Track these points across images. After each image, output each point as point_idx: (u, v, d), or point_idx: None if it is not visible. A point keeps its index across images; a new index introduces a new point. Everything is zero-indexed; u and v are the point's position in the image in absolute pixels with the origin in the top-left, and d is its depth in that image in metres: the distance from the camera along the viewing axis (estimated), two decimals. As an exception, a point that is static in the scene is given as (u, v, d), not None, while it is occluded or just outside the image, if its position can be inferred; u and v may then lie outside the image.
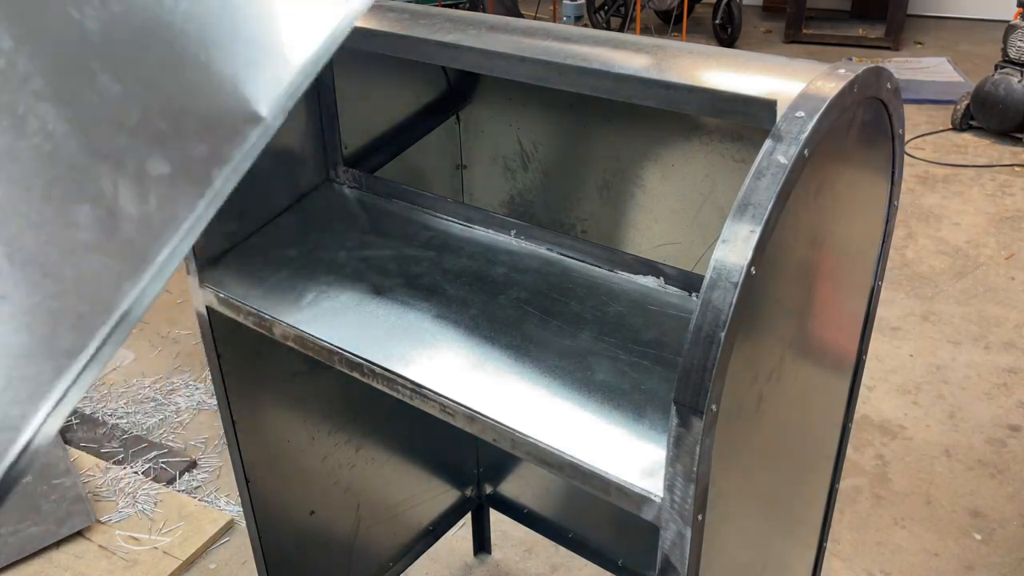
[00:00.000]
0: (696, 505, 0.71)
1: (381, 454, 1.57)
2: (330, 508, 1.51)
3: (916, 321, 2.68)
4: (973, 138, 4.05)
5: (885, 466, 2.11)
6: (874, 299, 1.03)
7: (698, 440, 0.68)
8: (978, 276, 2.92)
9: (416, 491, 1.68)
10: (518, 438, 0.81)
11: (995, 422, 2.24)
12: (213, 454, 2.21)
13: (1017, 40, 3.83)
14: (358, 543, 1.59)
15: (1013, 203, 3.43)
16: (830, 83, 0.74)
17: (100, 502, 2.02)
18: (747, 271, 0.66)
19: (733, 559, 0.90)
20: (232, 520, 1.98)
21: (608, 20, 5.71)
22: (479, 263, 1.10)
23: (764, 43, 5.76)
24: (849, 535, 1.91)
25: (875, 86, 0.81)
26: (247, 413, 1.29)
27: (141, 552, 1.89)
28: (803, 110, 0.71)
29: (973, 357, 2.50)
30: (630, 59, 0.87)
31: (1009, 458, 2.12)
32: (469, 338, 0.95)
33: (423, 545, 1.75)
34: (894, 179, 0.95)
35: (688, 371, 0.67)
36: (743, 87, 0.79)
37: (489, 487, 1.79)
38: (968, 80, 4.75)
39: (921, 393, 2.36)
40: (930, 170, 3.74)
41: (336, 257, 1.12)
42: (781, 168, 0.68)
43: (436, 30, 0.99)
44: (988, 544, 1.88)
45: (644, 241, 1.23)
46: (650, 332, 0.96)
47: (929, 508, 1.98)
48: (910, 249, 3.10)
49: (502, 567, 1.88)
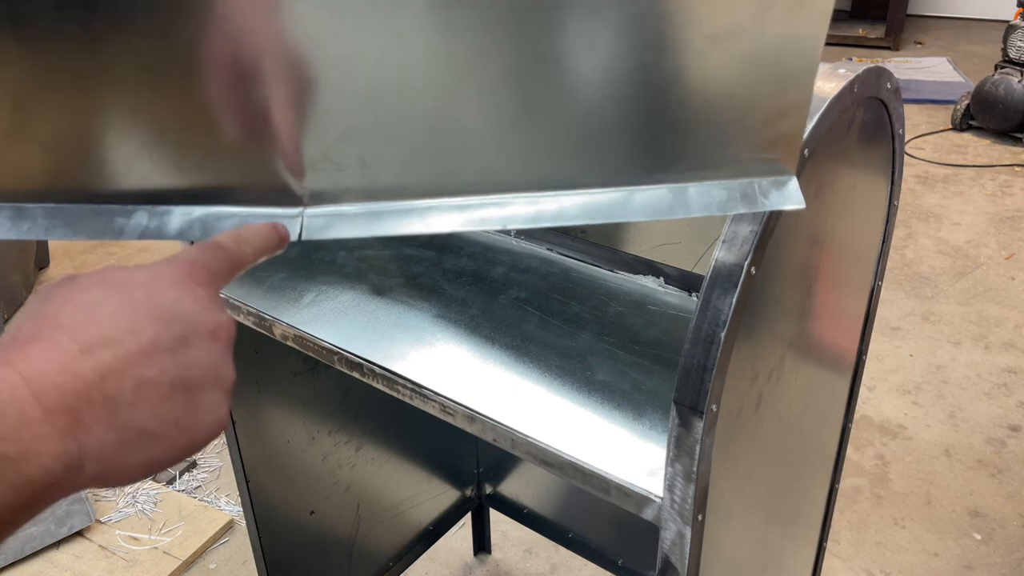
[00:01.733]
0: (696, 505, 0.71)
1: (381, 454, 1.57)
2: (330, 508, 1.51)
3: (916, 321, 2.68)
4: (973, 138, 4.05)
5: (885, 466, 2.11)
6: (874, 299, 1.03)
7: (698, 440, 0.68)
8: (978, 276, 2.92)
9: (416, 491, 1.68)
10: (518, 438, 0.81)
11: (995, 422, 2.24)
12: (213, 454, 2.21)
13: (1017, 40, 3.83)
14: (358, 543, 1.59)
15: (1013, 203, 3.43)
16: (830, 83, 0.74)
17: (100, 502, 2.02)
18: (747, 271, 0.66)
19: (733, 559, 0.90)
20: (232, 520, 1.98)
21: (608, 20, 5.70)
22: (479, 263, 1.10)
23: (764, 43, 5.76)
24: (849, 535, 1.91)
25: (875, 86, 0.81)
26: (247, 413, 1.29)
27: (141, 552, 1.89)
28: (803, 110, 0.71)
29: (973, 357, 2.50)
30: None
31: (1009, 458, 2.12)
32: (469, 338, 0.95)
33: (423, 545, 1.75)
34: (894, 179, 0.95)
35: (688, 371, 0.67)
36: (743, 87, 0.79)
37: (489, 487, 1.79)
38: (968, 80, 4.75)
39: (921, 393, 2.36)
40: (930, 170, 3.74)
41: (336, 257, 1.12)
42: (781, 168, 0.68)
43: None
44: (988, 544, 1.88)
45: (644, 241, 1.23)
46: (650, 332, 0.96)
47: (929, 508, 1.98)
48: (910, 249, 3.10)
49: (502, 567, 1.88)
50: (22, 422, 0.36)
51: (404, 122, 0.62)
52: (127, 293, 0.43)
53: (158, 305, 0.43)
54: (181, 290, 0.45)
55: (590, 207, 0.62)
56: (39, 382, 0.37)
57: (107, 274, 0.44)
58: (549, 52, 0.58)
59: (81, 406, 0.38)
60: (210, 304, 0.47)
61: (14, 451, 0.36)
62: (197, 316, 0.45)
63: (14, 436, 0.36)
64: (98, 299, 0.42)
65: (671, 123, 0.60)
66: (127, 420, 0.40)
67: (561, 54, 0.58)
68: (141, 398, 0.41)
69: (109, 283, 0.44)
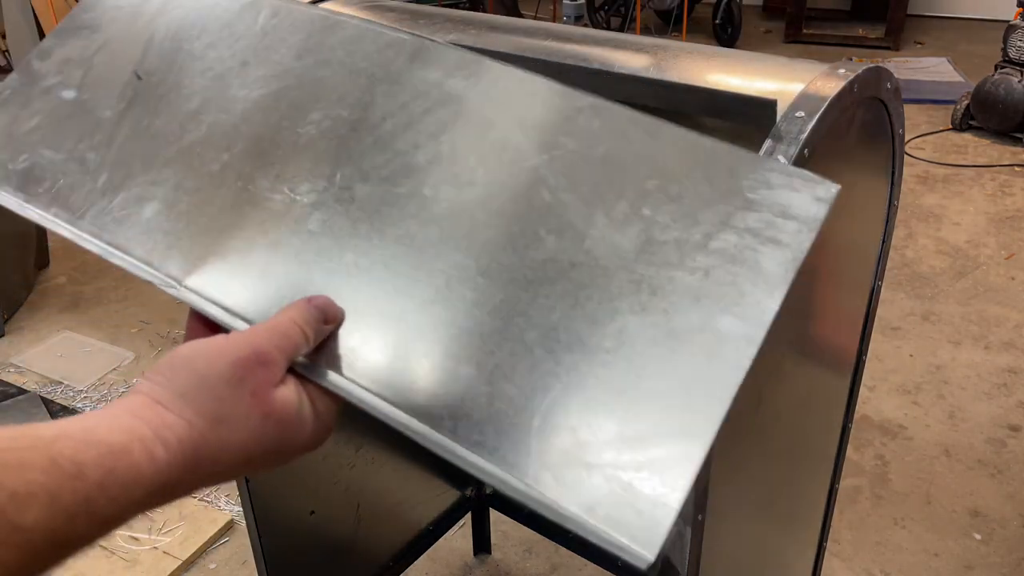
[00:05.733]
0: (696, 505, 0.71)
1: (381, 454, 1.57)
2: (330, 508, 1.51)
3: (916, 321, 2.68)
4: (973, 138, 4.05)
5: (885, 466, 2.11)
6: (874, 299, 1.03)
7: (698, 440, 0.68)
8: (978, 276, 2.92)
9: (416, 491, 1.68)
10: (518, 438, 0.81)
11: (995, 422, 2.24)
12: (213, 454, 2.21)
13: (1017, 40, 3.83)
14: (358, 543, 1.59)
15: (1013, 203, 3.43)
16: (830, 83, 0.74)
17: (100, 502, 2.02)
18: (747, 271, 0.66)
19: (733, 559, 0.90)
20: (232, 520, 1.98)
21: (608, 20, 5.71)
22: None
23: (764, 43, 5.76)
24: (849, 535, 1.91)
25: (875, 86, 0.81)
26: (247, 413, 1.29)
27: (141, 552, 1.89)
28: (803, 110, 0.71)
29: (973, 357, 2.50)
30: (630, 59, 0.87)
31: (1009, 458, 2.12)
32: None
33: (423, 545, 1.75)
34: (894, 179, 0.95)
35: (688, 371, 0.67)
36: (743, 87, 0.79)
37: (489, 487, 1.79)
38: (968, 80, 4.75)
39: (921, 393, 2.36)
40: (930, 170, 3.74)
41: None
42: (781, 168, 0.68)
43: (436, 29, 0.99)
44: (988, 544, 1.88)
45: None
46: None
47: (929, 508, 1.98)
48: (910, 249, 3.10)
49: (502, 567, 1.88)
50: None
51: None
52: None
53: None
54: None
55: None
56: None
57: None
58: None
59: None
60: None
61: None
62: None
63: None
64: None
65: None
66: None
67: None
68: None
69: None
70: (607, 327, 0.53)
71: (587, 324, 0.54)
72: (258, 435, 0.51)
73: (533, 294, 0.56)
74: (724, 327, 0.52)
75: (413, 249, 0.60)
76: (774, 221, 0.56)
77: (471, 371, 0.54)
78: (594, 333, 0.53)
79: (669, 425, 0.49)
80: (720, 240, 0.56)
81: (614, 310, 0.54)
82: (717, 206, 0.57)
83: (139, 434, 0.47)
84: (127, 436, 0.47)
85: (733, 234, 0.56)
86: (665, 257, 0.56)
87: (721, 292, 0.54)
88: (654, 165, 0.60)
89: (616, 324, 0.54)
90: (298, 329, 0.55)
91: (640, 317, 0.54)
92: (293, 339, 0.54)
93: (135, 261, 0.65)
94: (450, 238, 0.60)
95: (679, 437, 0.49)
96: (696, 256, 0.55)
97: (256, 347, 0.52)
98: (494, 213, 0.61)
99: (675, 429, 0.49)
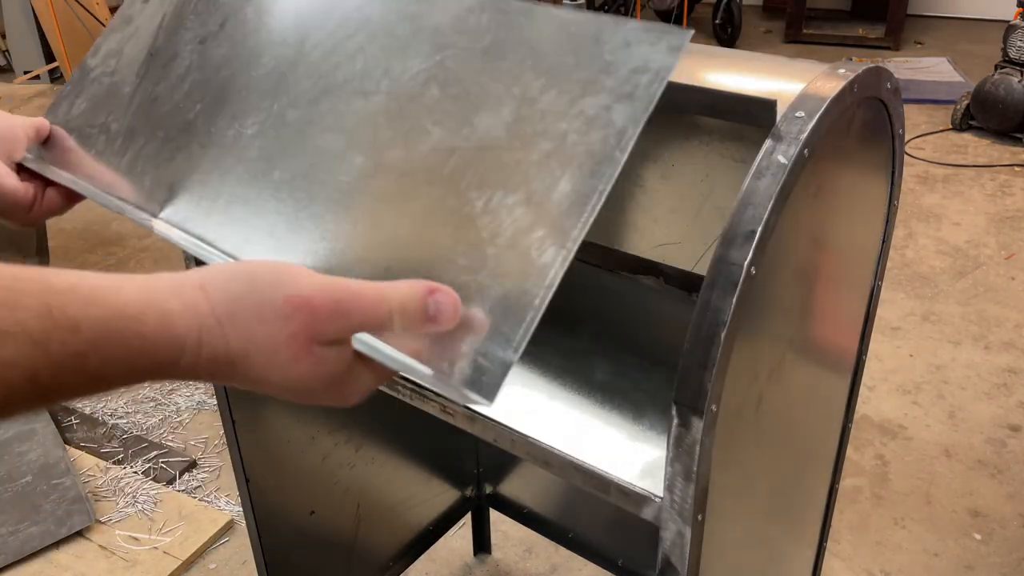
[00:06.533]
0: (696, 505, 0.71)
1: (381, 454, 1.57)
2: (330, 508, 1.51)
3: (916, 321, 2.68)
4: (973, 138, 4.05)
5: (885, 466, 2.11)
6: (874, 299, 1.03)
7: (698, 440, 0.68)
8: (978, 276, 2.92)
9: (416, 491, 1.68)
10: (518, 438, 0.81)
11: (995, 422, 2.24)
12: (213, 454, 2.21)
13: (1017, 40, 3.83)
14: (358, 543, 1.59)
15: (1013, 203, 3.43)
16: (830, 83, 0.74)
17: (100, 502, 2.02)
18: (747, 271, 0.66)
19: (733, 559, 0.90)
20: (232, 520, 1.98)
21: (608, 20, 5.70)
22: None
23: (764, 43, 5.76)
24: (849, 535, 1.91)
25: (875, 86, 0.81)
26: (247, 413, 1.29)
27: (141, 552, 1.89)
28: (803, 110, 0.71)
29: (973, 357, 2.50)
30: (630, 59, 0.87)
31: (1009, 458, 2.12)
32: (469, 338, 0.95)
33: (423, 545, 1.75)
34: (894, 179, 0.95)
35: (688, 371, 0.67)
36: (743, 87, 0.79)
37: (489, 487, 1.79)
38: (968, 80, 4.75)
39: (921, 393, 2.36)
40: (930, 170, 3.74)
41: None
42: (781, 168, 0.68)
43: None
44: (988, 544, 1.88)
45: (644, 241, 1.22)
46: (650, 332, 0.96)
47: (929, 508, 1.98)
48: (910, 249, 3.10)
49: (502, 567, 1.88)
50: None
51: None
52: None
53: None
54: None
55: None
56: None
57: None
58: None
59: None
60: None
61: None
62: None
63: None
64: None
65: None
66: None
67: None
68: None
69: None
70: (476, 203, 0.60)
71: (457, 199, 0.61)
72: (281, 371, 0.50)
73: (414, 180, 0.64)
74: (570, 188, 0.58)
75: (328, 157, 0.70)
76: (631, 78, 0.60)
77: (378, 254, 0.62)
78: (465, 204, 0.60)
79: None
80: (581, 104, 0.60)
81: (482, 182, 0.60)
82: (582, 73, 0.62)
83: (163, 307, 0.47)
84: (144, 305, 0.47)
85: (591, 96, 0.60)
86: (532, 128, 0.61)
87: (573, 154, 0.59)
88: (530, 47, 0.66)
89: (484, 197, 0.60)
90: (386, 310, 0.52)
91: (504, 192, 0.59)
92: (369, 315, 0.52)
93: (119, 201, 0.80)
94: (355, 144, 0.68)
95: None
96: (559, 124, 0.60)
97: (320, 298, 0.50)
98: (393, 115, 0.68)
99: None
